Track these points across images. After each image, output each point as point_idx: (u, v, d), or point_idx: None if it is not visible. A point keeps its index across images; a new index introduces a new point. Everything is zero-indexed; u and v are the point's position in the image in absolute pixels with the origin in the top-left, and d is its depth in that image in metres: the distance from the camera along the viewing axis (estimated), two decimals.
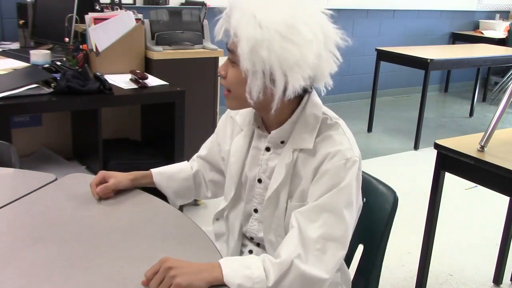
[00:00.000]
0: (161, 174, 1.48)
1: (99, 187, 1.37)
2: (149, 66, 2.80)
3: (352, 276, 1.47)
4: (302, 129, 1.22)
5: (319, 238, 1.12)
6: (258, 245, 1.39)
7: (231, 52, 1.17)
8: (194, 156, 1.56)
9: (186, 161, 1.58)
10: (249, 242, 1.41)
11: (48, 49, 2.81)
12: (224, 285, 1.04)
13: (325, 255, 1.12)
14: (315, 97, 1.26)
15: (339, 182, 1.15)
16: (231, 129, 1.41)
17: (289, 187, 1.25)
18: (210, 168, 1.52)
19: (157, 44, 2.84)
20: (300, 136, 1.23)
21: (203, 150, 1.53)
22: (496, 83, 6.39)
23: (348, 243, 1.18)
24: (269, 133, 1.28)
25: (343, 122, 1.28)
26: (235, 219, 1.40)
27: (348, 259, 1.50)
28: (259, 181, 1.33)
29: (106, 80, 2.31)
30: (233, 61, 1.17)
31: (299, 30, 1.10)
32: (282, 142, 1.26)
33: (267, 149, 1.30)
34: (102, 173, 1.42)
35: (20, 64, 2.59)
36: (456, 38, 6.47)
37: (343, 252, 1.16)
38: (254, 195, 1.35)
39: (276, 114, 1.19)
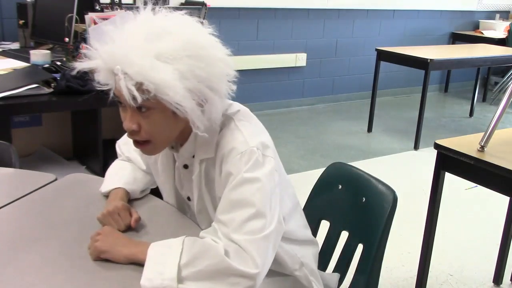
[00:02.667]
0: (129, 184, 1.41)
1: (134, 221, 1.28)
2: None
3: (352, 276, 1.48)
4: (203, 138, 1.19)
5: (238, 239, 1.08)
6: None
7: (142, 102, 1.07)
8: (125, 157, 1.50)
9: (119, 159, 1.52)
10: None
11: (48, 49, 2.81)
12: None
13: (248, 252, 1.07)
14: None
15: (240, 177, 1.12)
16: None
17: (210, 197, 1.25)
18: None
19: None
20: (202, 146, 1.20)
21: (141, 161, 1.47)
22: (496, 83, 6.38)
23: (272, 234, 1.12)
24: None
25: (241, 114, 1.23)
26: None
27: (348, 259, 1.51)
28: (188, 199, 1.34)
29: None
30: (148, 107, 1.09)
31: (200, 42, 1.10)
32: (194, 156, 1.24)
33: (185, 166, 1.29)
34: (124, 207, 1.30)
35: (20, 64, 2.59)
36: (456, 38, 6.47)
37: (260, 244, 1.10)
38: (191, 213, 1.36)
39: (181, 132, 1.18)
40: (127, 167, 1.46)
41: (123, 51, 1.06)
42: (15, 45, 3.23)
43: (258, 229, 1.09)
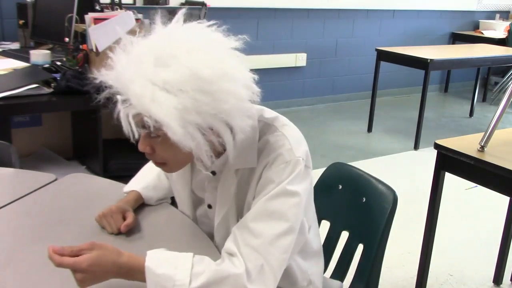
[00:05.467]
0: (147, 189, 1.40)
1: (124, 226, 1.26)
2: None
3: (352, 276, 1.47)
4: (241, 146, 1.09)
5: (261, 254, 1.04)
6: None
7: (150, 128, 1.00)
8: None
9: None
10: None
11: (48, 49, 2.81)
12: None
13: (273, 272, 1.04)
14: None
15: (281, 188, 1.07)
16: None
17: (236, 207, 1.18)
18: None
19: None
20: (241, 154, 1.11)
21: None
22: (496, 83, 6.38)
23: (290, 251, 1.09)
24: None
25: (281, 120, 1.18)
26: None
27: (348, 259, 1.51)
28: (209, 206, 1.27)
29: None
30: (156, 134, 1.01)
31: (208, 74, 0.97)
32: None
33: (213, 173, 1.20)
34: (118, 210, 1.30)
35: (20, 64, 2.59)
36: (456, 38, 6.47)
37: (284, 263, 1.08)
38: (205, 221, 1.31)
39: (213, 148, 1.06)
40: (154, 172, 1.43)
41: (126, 77, 0.99)
42: (15, 45, 3.23)
43: (287, 246, 1.07)
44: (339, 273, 1.52)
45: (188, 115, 0.96)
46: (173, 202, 1.46)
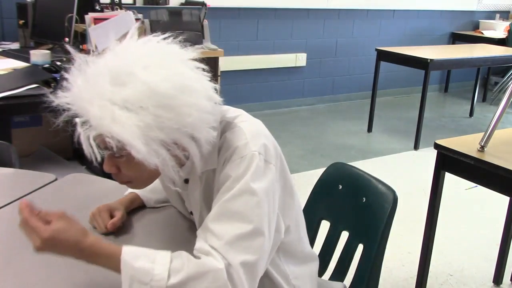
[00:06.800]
0: (144, 190, 1.39)
1: (110, 224, 1.26)
2: None
3: (352, 277, 1.47)
4: (204, 153, 1.06)
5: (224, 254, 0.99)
6: None
7: (113, 149, 0.98)
8: None
9: None
10: None
11: (48, 49, 2.81)
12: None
13: (241, 277, 0.99)
14: None
15: (240, 186, 1.02)
16: None
17: (207, 211, 1.13)
18: None
19: None
20: (203, 158, 1.07)
21: None
22: (496, 83, 6.38)
23: (265, 250, 1.04)
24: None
25: (242, 117, 1.15)
26: None
27: (348, 259, 1.51)
28: (191, 213, 1.28)
29: None
30: (120, 154, 1.00)
31: (168, 90, 0.96)
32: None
33: (186, 180, 1.19)
34: (105, 208, 1.30)
35: (20, 64, 2.59)
36: (456, 38, 6.47)
37: (254, 265, 1.02)
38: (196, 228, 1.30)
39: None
40: None
41: (84, 99, 0.97)
42: (15, 45, 3.23)
43: (256, 248, 1.02)
44: (339, 273, 1.52)
45: (150, 132, 0.95)
46: None
